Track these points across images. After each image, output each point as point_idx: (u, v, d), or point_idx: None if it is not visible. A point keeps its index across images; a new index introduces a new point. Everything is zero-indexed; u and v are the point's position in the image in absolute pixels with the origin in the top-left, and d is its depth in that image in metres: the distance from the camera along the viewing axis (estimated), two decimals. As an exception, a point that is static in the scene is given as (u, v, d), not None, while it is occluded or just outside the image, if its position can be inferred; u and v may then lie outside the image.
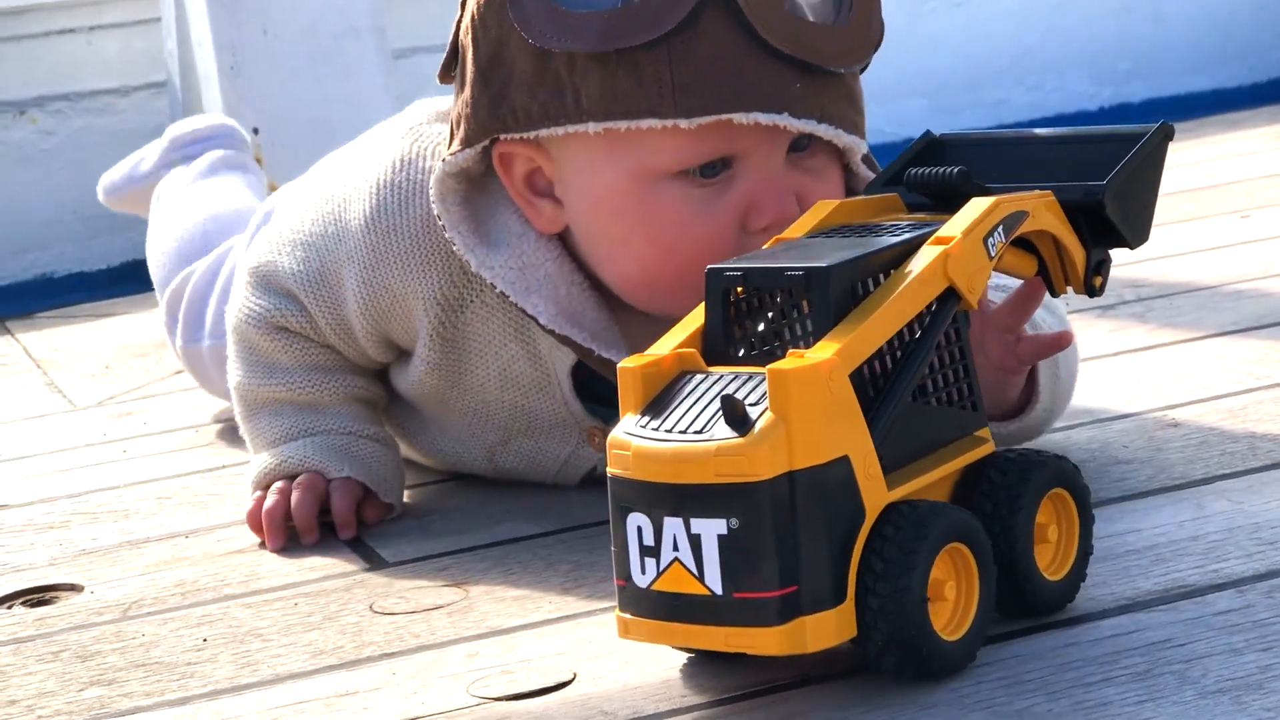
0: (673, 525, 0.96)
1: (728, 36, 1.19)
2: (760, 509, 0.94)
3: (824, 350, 0.97)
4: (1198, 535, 1.19)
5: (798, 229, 1.10)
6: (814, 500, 0.95)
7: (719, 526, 0.95)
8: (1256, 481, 1.28)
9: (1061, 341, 1.22)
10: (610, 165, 1.24)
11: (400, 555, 1.35)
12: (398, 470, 1.44)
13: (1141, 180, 1.13)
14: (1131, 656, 1.02)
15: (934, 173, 1.10)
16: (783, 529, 0.95)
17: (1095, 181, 1.10)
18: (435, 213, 1.30)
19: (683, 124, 1.20)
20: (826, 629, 0.96)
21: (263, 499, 1.41)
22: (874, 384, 1.00)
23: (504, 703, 1.06)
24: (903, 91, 3.43)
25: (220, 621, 1.25)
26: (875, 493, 0.98)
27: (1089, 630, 1.06)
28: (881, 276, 1.02)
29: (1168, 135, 1.14)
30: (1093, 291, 1.13)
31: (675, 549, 0.96)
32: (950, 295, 1.03)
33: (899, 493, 0.99)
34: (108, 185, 2.20)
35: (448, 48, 1.30)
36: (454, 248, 1.30)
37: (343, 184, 1.39)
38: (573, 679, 1.07)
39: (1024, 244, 1.12)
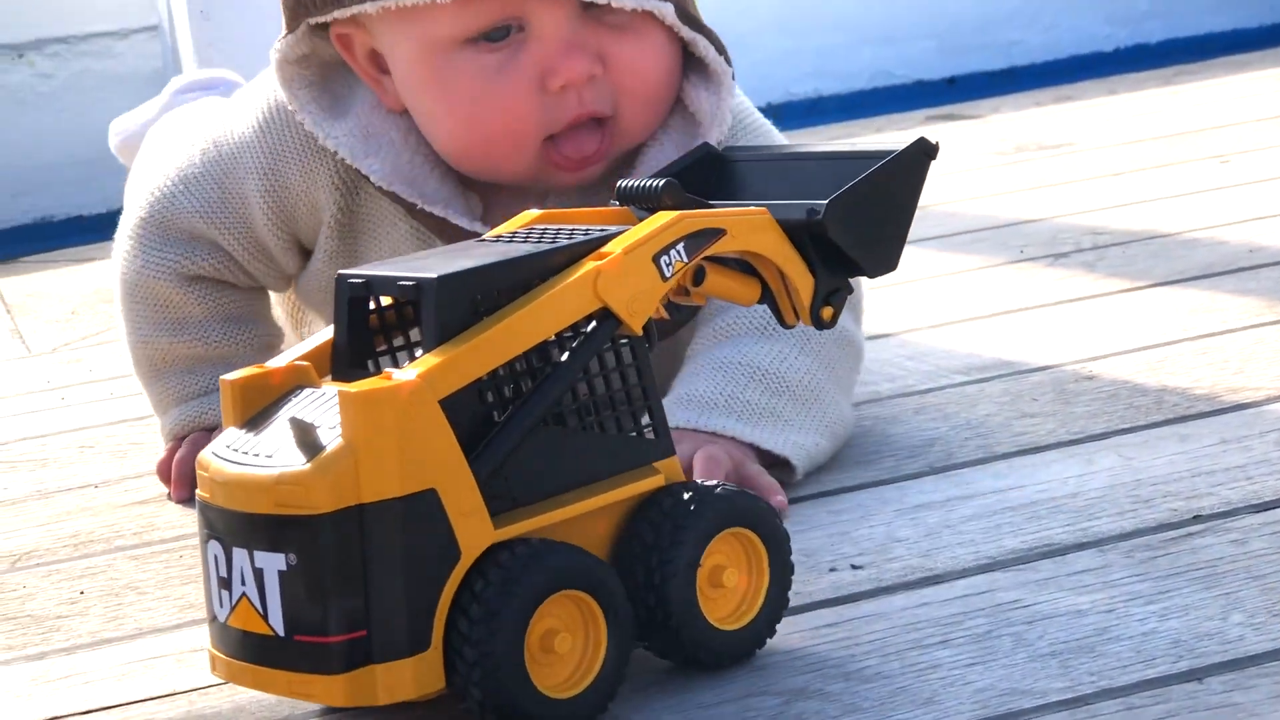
0: (240, 557, 0.88)
1: None
2: (320, 545, 0.86)
3: (413, 370, 0.89)
4: (1078, 492, 1.17)
5: (503, 228, 1.03)
6: (388, 537, 0.86)
7: (279, 562, 0.87)
8: (1153, 436, 1.26)
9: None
10: (405, 41, 1.24)
11: (297, 507, 1.34)
12: (314, 423, 1.43)
13: (887, 201, 1.03)
14: (976, 618, 1.00)
15: (640, 185, 1.02)
16: (348, 568, 0.86)
17: (822, 201, 1.01)
18: (284, 99, 1.30)
19: None
20: (402, 680, 0.87)
21: (175, 449, 1.40)
22: (503, 408, 0.92)
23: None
24: (912, 33, 3.40)
25: (103, 574, 1.25)
26: (474, 530, 0.88)
27: (943, 590, 1.04)
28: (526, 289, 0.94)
29: (928, 153, 1.03)
30: (820, 324, 1.03)
31: (243, 583, 0.89)
32: (608, 316, 0.94)
33: (520, 529, 0.90)
34: (119, 133, 2.16)
35: None
36: (305, 126, 1.30)
37: (220, 119, 1.37)
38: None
39: (747, 267, 1.03)
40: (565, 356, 0.93)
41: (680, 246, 0.97)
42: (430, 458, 0.88)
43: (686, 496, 0.95)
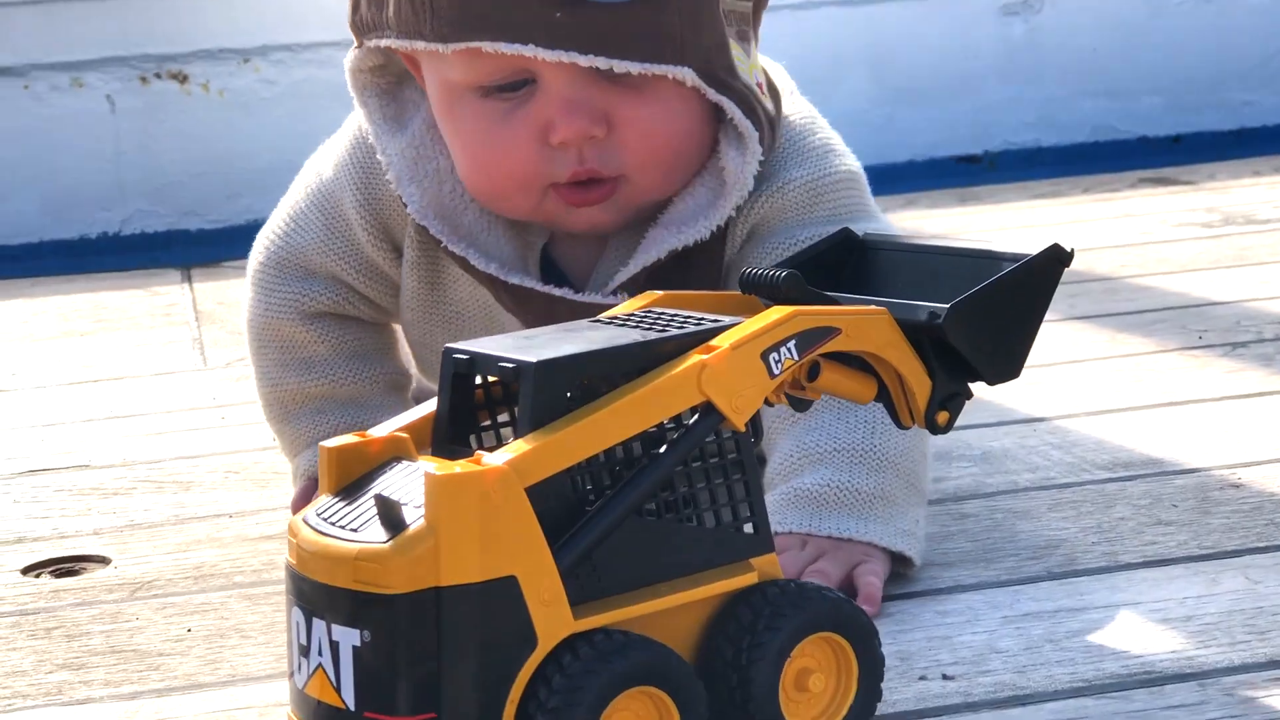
0: (319, 627, 0.89)
1: None
2: (394, 625, 0.86)
3: (503, 455, 0.88)
4: (1193, 615, 1.13)
5: (623, 307, 1.02)
6: (463, 622, 0.87)
7: (354, 637, 0.87)
8: (1286, 559, 1.21)
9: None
10: (431, 78, 1.28)
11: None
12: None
13: (1013, 307, 1.00)
14: (1056, 747, 0.97)
15: (763, 274, 1.01)
16: (421, 649, 0.86)
17: (944, 304, 0.98)
18: (355, 102, 1.33)
19: (440, 48, 1.22)
20: None
21: (309, 488, 1.40)
22: (597, 496, 0.91)
23: None
24: (1139, 87, 3.33)
25: (214, 612, 1.26)
26: (553, 620, 0.88)
27: (1030, 712, 1.01)
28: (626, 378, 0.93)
29: (1061, 261, 1.00)
30: (934, 429, 1.01)
31: (320, 653, 0.89)
32: (711, 410, 0.93)
33: (603, 620, 0.90)
34: None
35: None
36: (367, 132, 1.33)
37: (311, 163, 1.40)
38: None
39: (865, 364, 1.01)
40: (664, 449, 0.92)
41: (792, 344, 0.95)
42: (512, 545, 0.88)
43: (782, 593, 0.94)
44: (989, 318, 1.00)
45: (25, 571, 1.37)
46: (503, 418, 0.98)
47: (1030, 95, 3.29)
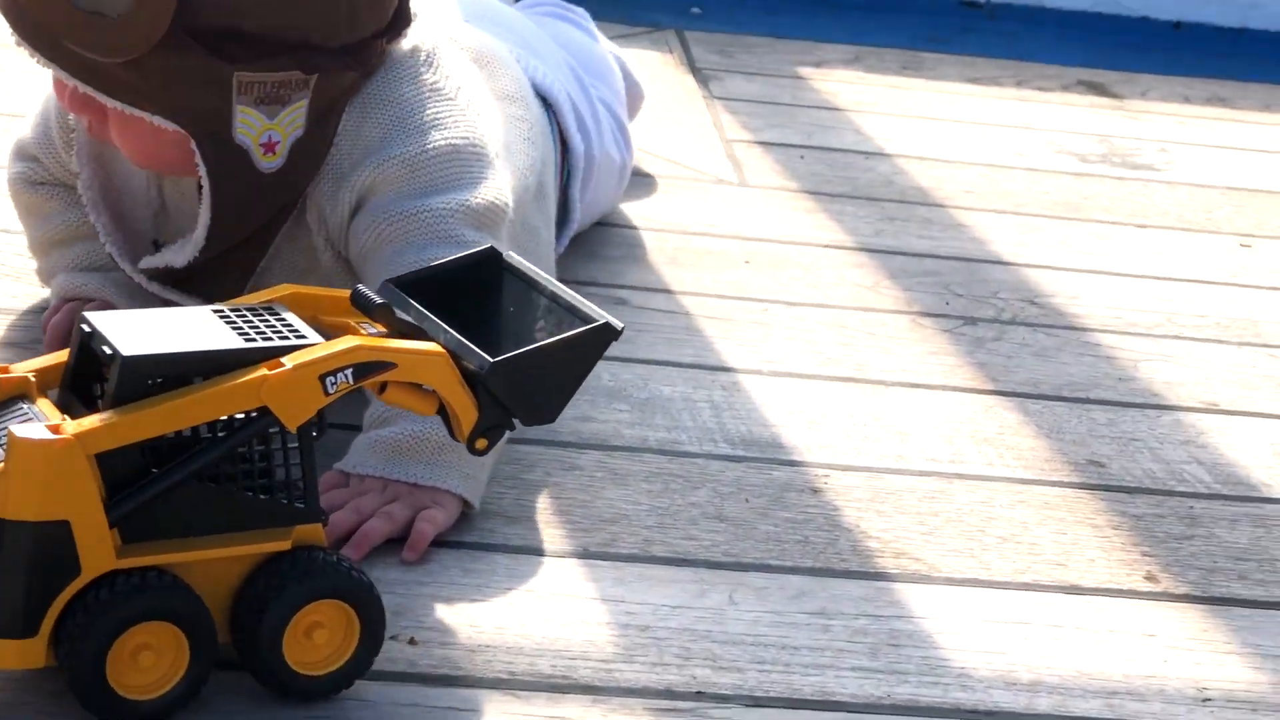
0: None
1: None
2: None
3: (78, 426, 1.13)
4: (651, 627, 1.33)
5: (250, 298, 1.26)
6: (18, 548, 1.13)
7: None
8: (741, 580, 1.41)
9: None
10: None
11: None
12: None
13: (557, 367, 1.22)
14: (427, 736, 1.19)
15: (364, 296, 1.24)
16: None
17: (491, 357, 1.20)
18: None
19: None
20: (6, 653, 1.15)
21: (59, 308, 1.65)
22: (160, 465, 1.16)
23: None
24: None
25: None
26: (98, 556, 1.14)
27: (431, 693, 1.23)
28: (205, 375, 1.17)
29: (610, 335, 1.22)
30: (473, 452, 1.23)
31: None
32: (268, 413, 1.16)
33: (146, 560, 1.15)
34: None
35: None
36: None
37: None
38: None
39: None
40: (222, 435, 1.18)
41: (349, 371, 1.20)
42: (69, 496, 1.15)
43: (305, 560, 1.20)
44: (532, 373, 1.22)
45: None
46: None
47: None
